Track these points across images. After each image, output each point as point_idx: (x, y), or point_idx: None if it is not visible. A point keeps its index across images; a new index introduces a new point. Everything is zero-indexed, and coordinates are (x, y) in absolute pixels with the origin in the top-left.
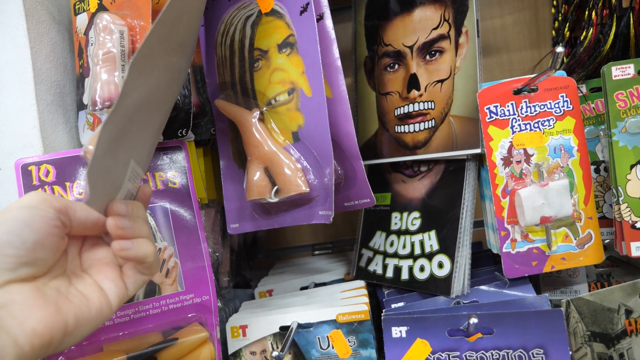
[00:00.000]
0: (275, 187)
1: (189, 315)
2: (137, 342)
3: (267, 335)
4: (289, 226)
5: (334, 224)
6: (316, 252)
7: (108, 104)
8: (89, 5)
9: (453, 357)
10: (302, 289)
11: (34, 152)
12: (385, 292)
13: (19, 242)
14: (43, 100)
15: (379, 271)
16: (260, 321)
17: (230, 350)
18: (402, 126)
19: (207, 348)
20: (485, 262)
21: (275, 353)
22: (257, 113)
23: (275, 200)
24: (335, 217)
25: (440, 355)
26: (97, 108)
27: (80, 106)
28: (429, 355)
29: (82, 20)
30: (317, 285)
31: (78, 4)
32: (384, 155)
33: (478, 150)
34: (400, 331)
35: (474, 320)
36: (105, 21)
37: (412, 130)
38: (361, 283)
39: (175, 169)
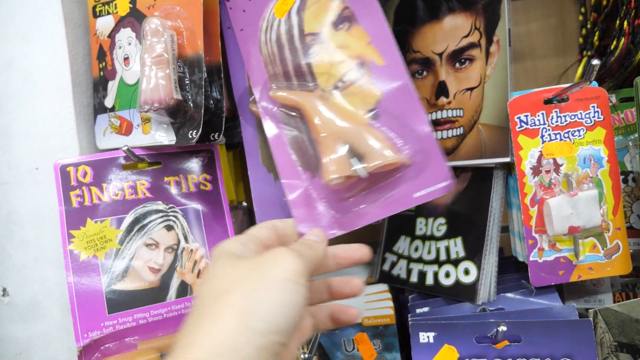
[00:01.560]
0: (357, 161)
1: None
2: (170, 340)
3: None
4: None
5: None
6: None
7: (157, 106)
8: (116, 8)
9: None
10: None
11: (71, 154)
12: (409, 297)
13: (288, 328)
14: (80, 102)
15: (403, 275)
16: None
17: None
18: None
19: None
20: (509, 269)
21: (303, 355)
22: (321, 92)
23: (365, 174)
24: None
25: None
26: (146, 109)
27: (99, 110)
28: None
29: (104, 22)
30: None
31: (100, 7)
32: None
33: (507, 159)
34: (428, 336)
35: (502, 328)
36: (155, 25)
37: (440, 137)
38: (384, 287)
39: (206, 172)
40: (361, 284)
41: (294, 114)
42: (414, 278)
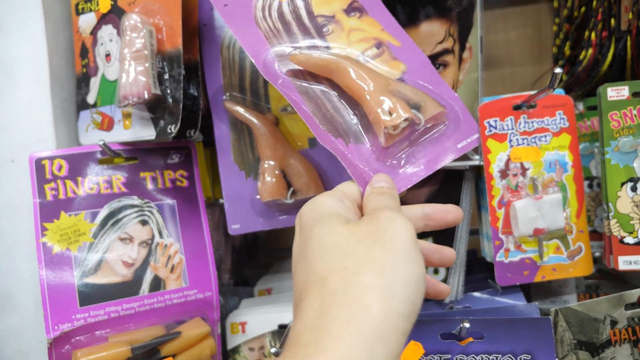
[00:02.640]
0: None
1: (192, 310)
2: (141, 334)
3: (265, 332)
4: (290, 227)
5: None
6: None
7: (136, 100)
8: (97, 5)
9: (444, 359)
10: None
11: (48, 147)
12: None
13: (421, 304)
14: (58, 96)
15: None
16: (259, 319)
17: (230, 346)
18: None
19: (208, 342)
20: (479, 270)
21: (273, 349)
22: (349, 57)
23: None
24: None
25: (432, 357)
26: (125, 104)
27: (82, 106)
28: (421, 357)
29: (87, 20)
30: None
31: (82, 4)
32: None
33: (477, 162)
34: None
35: (466, 325)
36: (134, 21)
37: None
38: None
39: (183, 168)
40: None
41: (308, 84)
42: None
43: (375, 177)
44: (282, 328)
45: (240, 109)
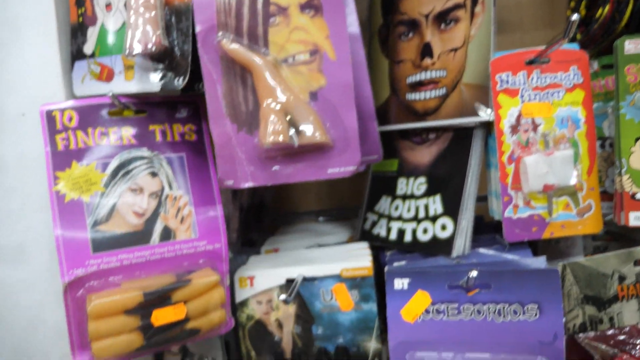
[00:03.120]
0: (293, 131)
1: (201, 261)
2: (153, 281)
3: (273, 286)
4: (295, 192)
5: (339, 192)
6: (320, 219)
7: (144, 50)
8: None
9: (452, 308)
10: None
11: (57, 100)
12: (388, 254)
13: None
14: (65, 49)
15: (383, 234)
16: (267, 273)
17: (238, 299)
18: (414, 93)
19: (217, 291)
20: (487, 231)
21: (283, 296)
22: (274, 60)
23: (296, 144)
24: (341, 185)
25: (439, 306)
26: (134, 54)
27: (77, 56)
28: (428, 306)
29: None
30: (321, 246)
31: None
32: (394, 122)
33: (487, 118)
34: (403, 283)
35: (473, 273)
36: None
37: (423, 97)
38: (365, 244)
39: (191, 122)
40: None
41: (235, 68)
42: (393, 236)
43: None
44: (290, 282)
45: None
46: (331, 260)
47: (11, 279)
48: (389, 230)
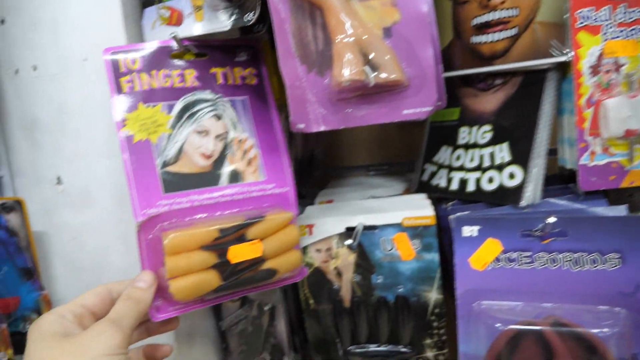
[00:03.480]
0: (369, 69)
1: (271, 205)
2: (226, 220)
3: (333, 234)
4: (345, 146)
5: (391, 146)
6: (371, 173)
7: None
8: None
9: (524, 256)
10: None
11: (119, 44)
12: (449, 204)
13: None
14: None
15: (443, 184)
16: (327, 222)
17: None
18: (480, 36)
19: (291, 229)
20: (552, 184)
21: (349, 241)
22: None
23: (372, 82)
24: (392, 138)
25: (511, 254)
26: None
27: (146, 3)
28: (499, 254)
29: None
30: (375, 198)
31: None
32: (457, 67)
33: (564, 59)
34: (472, 230)
35: (551, 220)
36: None
37: (490, 39)
38: (423, 196)
39: (252, 66)
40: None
41: (303, 5)
42: (454, 186)
43: (139, 275)
44: (350, 230)
45: None
46: (392, 209)
47: (77, 222)
48: (449, 180)
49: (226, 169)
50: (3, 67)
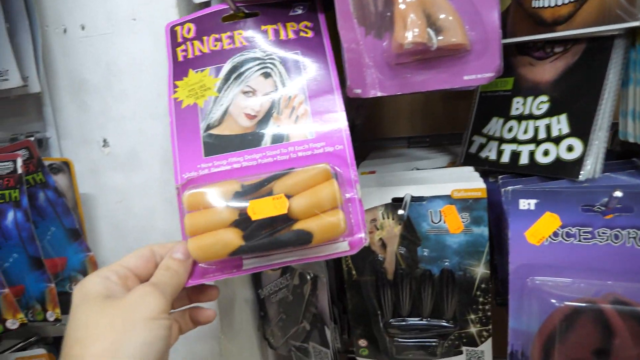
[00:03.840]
0: (432, 31)
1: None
2: (253, 178)
3: (378, 205)
4: (387, 116)
5: (433, 117)
6: (413, 144)
7: None
8: None
9: (584, 232)
10: None
11: (167, 3)
12: (499, 178)
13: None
14: None
15: (493, 157)
16: (372, 192)
17: None
18: (542, 0)
19: (330, 184)
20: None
21: (401, 211)
22: None
23: (435, 46)
24: (435, 109)
25: (570, 229)
26: None
27: None
28: (557, 228)
29: None
30: (419, 170)
31: None
32: (514, 34)
33: (636, 23)
34: (529, 203)
35: (617, 193)
36: None
37: (554, 4)
38: (470, 168)
39: (307, 19)
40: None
41: None
42: (505, 159)
43: (176, 246)
44: (396, 201)
45: None
46: (440, 181)
47: (124, 185)
48: (500, 153)
49: (270, 129)
50: (51, 26)
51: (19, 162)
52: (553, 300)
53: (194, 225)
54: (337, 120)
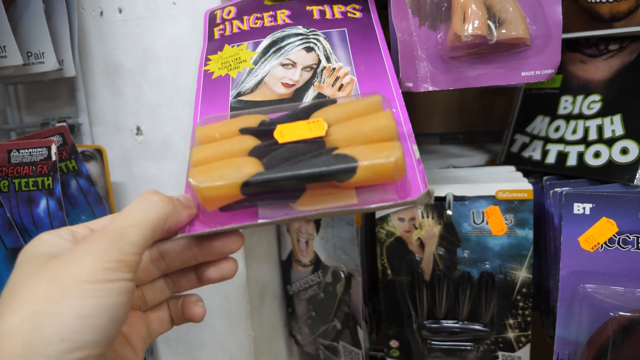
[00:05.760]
0: (492, 24)
1: None
2: None
3: None
4: (420, 111)
5: (467, 114)
6: (445, 142)
7: None
8: None
9: None
10: None
11: None
12: (544, 179)
13: (97, 339)
14: None
15: (537, 157)
16: None
17: (378, 215)
18: None
19: (384, 115)
20: None
21: (449, 212)
22: None
23: (495, 39)
24: (471, 105)
25: (627, 236)
26: None
27: None
28: (614, 235)
29: None
30: (456, 168)
31: None
32: (567, 29)
33: None
34: (584, 208)
35: None
36: None
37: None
38: (511, 168)
39: (355, 2)
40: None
41: None
42: (550, 159)
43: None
44: (437, 200)
45: None
46: (483, 181)
47: (157, 174)
48: (545, 153)
49: (310, 94)
50: (87, 8)
51: (54, 148)
52: (607, 310)
53: (200, 155)
54: (388, 85)
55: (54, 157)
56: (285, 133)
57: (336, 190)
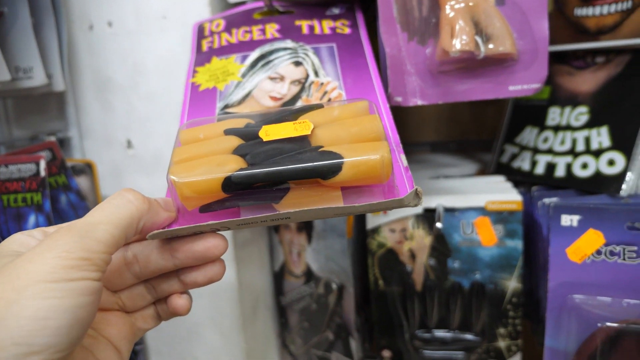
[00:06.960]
0: (479, 39)
1: None
2: None
3: (409, 215)
4: (411, 121)
5: (458, 122)
6: (435, 151)
7: None
8: None
9: (629, 251)
10: None
11: (198, 2)
12: (532, 189)
13: (58, 343)
14: None
15: (526, 167)
16: None
17: (370, 226)
18: (586, 8)
19: (371, 118)
20: None
21: (439, 224)
22: None
23: (482, 54)
24: (461, 115)
25: (614, 248)
26: None
27: None
28: (601, 246)
29: None
30: (447, 178)
31: None
32: (554, 42)
33: None
34: (572, 219)
35: None
36: None
37: (598, 13)
38: (501, 178)
39: (345, 18)
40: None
41: None
42: (539, 170)
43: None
44: (428, 212)
45: None
46: (473, 192)
47: (148, 188)
48: (534, 163)
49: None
50: (77, 21)
51: (42, 164)
52: (594, 321)
53: (183, 155)
54: (376, 100)
55: (42, 173)
56: (271, 132)
57: (321, 191)
